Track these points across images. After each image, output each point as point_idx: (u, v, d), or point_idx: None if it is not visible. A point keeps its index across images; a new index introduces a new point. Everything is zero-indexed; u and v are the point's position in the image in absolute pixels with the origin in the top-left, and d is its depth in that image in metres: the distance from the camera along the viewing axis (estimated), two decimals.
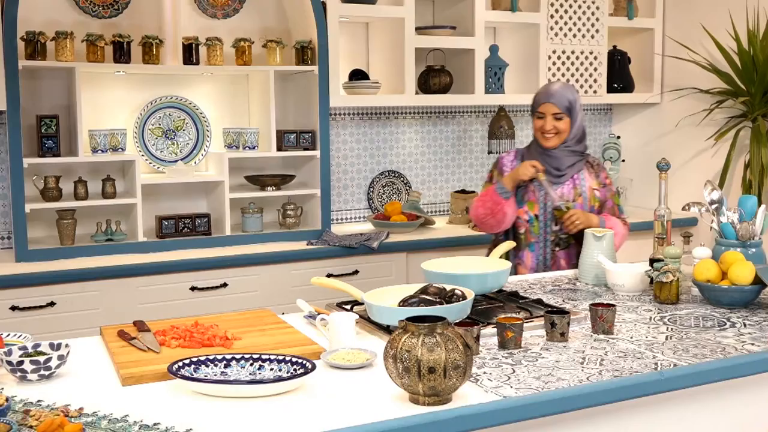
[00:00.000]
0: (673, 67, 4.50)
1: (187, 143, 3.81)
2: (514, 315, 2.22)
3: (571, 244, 2.99)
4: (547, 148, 2.98)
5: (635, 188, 4.69)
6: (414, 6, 3.90)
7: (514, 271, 3.00)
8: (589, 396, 1.71)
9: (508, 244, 2.76)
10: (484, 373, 1.82)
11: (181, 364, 1.77)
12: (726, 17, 4.06)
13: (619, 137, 4.74)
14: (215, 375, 1.79)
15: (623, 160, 4.68)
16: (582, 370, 1.83)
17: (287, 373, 1.78)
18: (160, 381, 1.80)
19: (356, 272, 3.62)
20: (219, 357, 1.83)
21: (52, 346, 1.88)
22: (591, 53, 4.41)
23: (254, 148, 3.71)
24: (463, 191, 4.29)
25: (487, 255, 2.90)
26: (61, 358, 1.82)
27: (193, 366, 1.79)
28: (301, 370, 1.75)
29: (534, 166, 2.91)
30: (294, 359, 1.81)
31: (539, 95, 3.00)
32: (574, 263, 2.98)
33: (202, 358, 1.81)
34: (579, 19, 4.34)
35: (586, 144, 3.06)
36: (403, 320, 1.65)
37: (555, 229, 2.97)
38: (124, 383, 1.79)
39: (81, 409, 1.62)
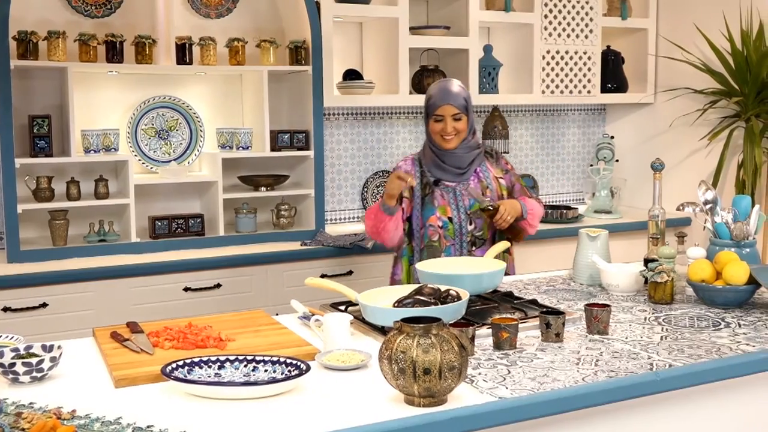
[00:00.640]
0: (666, 68, 4.51)
1: (181, 143, 3.79)
2: (509, 315, 2.21)
3: (486, 241, 2.86)
4: (447, 150, 2.84)
5: (629, 188, 4.69)
6: (408, 6, 3.90)
7: None
8: (584, 397, 1.70)
9: (503, 245, 2.76)
10: (479, 374, 1.81)
11: (174, 365, 1.76)
12: (719, 17, 4.06)
13: (612, 137, 4.74)
14: (209, 377, 1.78)
15: (617, 160, 4.69)
16: (577, 371, 1.82)
17: (281, 374, 1.77)
18: (154, 383, 1.78)
19: (350, 272, 3.61)
20: (213, 358, 1.82)
21: (44, 347, 1.86)
22: (585, 53, 4.41)
23: (248, 148, 3.69)
24: None
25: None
26: (53, 359, 1.80)
27: (186, 367, 1.78)
28: (296, 372, 1.74)
29: (400, 178, 2.68)
30: (288, 360, 1.80)
31: (435, 97, 2.82)
32: None
33: (196, 360, 1.80)
34: (573, 19, 4.34)
35: (479, 135, 2.92)
36: (398, 321, 1.64)
37: (470, 229, 2.84)
38: (117, 385, 1.77)
39: (74, 411, 1.60)
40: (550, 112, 4.78)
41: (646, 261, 2.68)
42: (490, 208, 2.76)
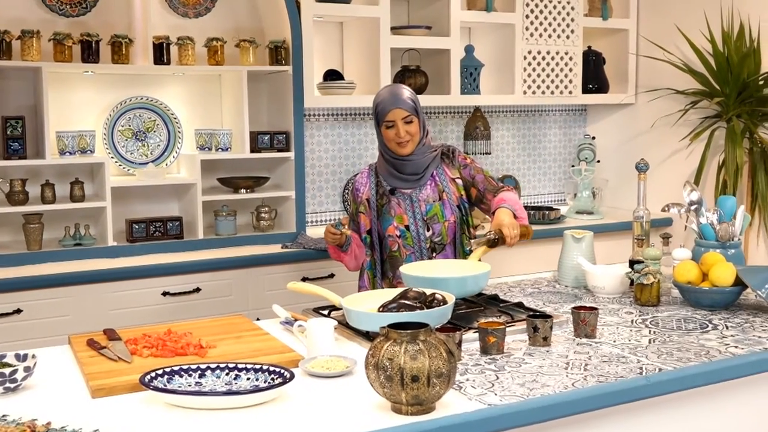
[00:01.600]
0: (647, 68, 4.51)
1: (158, 145, 3.73)
2: (495, 319, 2.18)
3: (447, 244, 2.74)
4: (403, 156, 2.71)
5: (611, 189, 4.69)
6: (389, 6, 3.86)
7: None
8: (574, 403, 1.67)
9: (485, 248, 2.71)
10: (467, 380, 1.77)
11: (153, 374, 1.71)
12: (699, 18, 4.07)
13: (594, 138, 4.73)
14: (189, 386, 1.72)
15: (598, 161, 4.68)
16: (566, 376, 1.79)
17: (264, 382, 1.72)
18: (132, 392, 1.73)
19: (332, 276, 3.56)
20: (193, 367, 1.76)
21: (18, 357, 1.80)
22: (566, 53, 4.39)
23: (227, 149, 3.64)
24: None
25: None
26: (27, 369, 1.74)
27: (166, 376, 1.72)
28: (279, 380, 1.69)
29: (332, 233, 2.64)
30: (271, 368, 1.75)
31: (384, 103, 2.67)
32: None
33: (176, 368, 1.75)
34: (554, 19, 4.33)
35: (430, 137, 2.79)
36: (384, 327, 1.60)
37: (428, 235, 2.71)
38: (94, 395, 1.72)
39: (49, 423, 1.55)
40: (531, 112, 4.77)
41: (632, 263, 2.66)
42: (496, 239, 2.51)
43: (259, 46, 3.72)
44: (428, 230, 2.72)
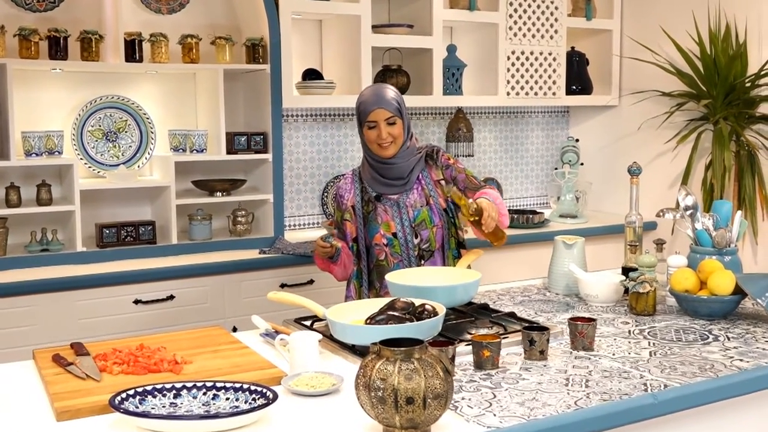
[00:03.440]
0: (631, 69, 4.44)
1: (130, 146, 3.58)
2: (487, 331, 2.07)
3: (435, 251, 2.66)
4: (386, 159, 2.60)
5: (595, 192, 4.61)
6: (370, 3, 3.75)
7: None
8: (579, 424, 1.56)
9: (475, 253, 2.61)
10: (463, 398, 1.66)
11: (124, 395, 1.57)
12: (683, 19, 4.00)
13: (577, 140, 4.66)
14: (164, 407, 1.59)
15: (582, 164, 4.60)
16: (568, 393, 1.68)
17: (245, 402, 1.60)
18: (101, 414, 1.59)
19: (311, 282, 3.44)
20: (168, 386, 1.63)
21: None
22: (550, 54, 4.31)
23: (202, 151, 3.51)
24: None
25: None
26: None
27: (138, 397, 1.59)
28: (261, 400, 1.57)
29: (322, 247, 2.52)
30: (252, 387, 1.62)
31: (366, 103, 2.57)
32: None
33: (149, 388, 1.62)
34: (538, 19, 4.24)
35: (415, 139, 2.69)
36: (376, 344, 1.48)
37: (416, 242, 2.60)
38: (58, 418, 1.58)
39: None
40: (514, 114, 4.68)
41: (625, 270, 2.57)
42: (480, 209, 2.34)
43: (236, 44, 3.59)
44: (416, 237, 2.61)
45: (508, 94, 4.20)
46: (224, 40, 3.52)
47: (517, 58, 4.21)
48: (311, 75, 3.87)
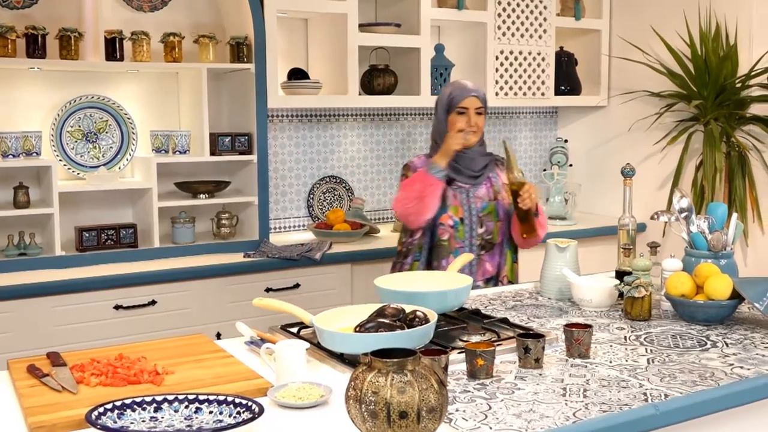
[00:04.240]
0: (620, 70, 4.40)
1: (111, 147, 3.49)
2: (480, 338, 2.01)
3: (496, 245, 2.83)
4: (465, 148, 2.79)
5: (584, 193, 4.56)
6: (356, 1, 3.68)
7: None
8: None
9: (466, 257, 2.55)
10: (457, 410, 1.59)
11: (102, 409, 1.49)
12: (673, 19, 3.97)
13: (566, 141, 4.61)
14: (143, 421, 1.51)
15: (570, 165, 4.55)
16: (566, 404, 1.62)
17: (230, 416, 1.52)
18: (77, 430, 1.52)
19: (297, 286, 3.37)
20: (148, 399, 1.55)
21: None
22: (539, 54, 4.26)
23: (185, 152, 3.43)
24: None
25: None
26: None
27: (116, 411, 1.51)
28: (246, 414, 1.50)
29: (462, 130, 2.75)
30: (237, 399, 1.55)
31: (459, 89, 2.81)
32: (498, 263, 2.84)
33: (128, 401, 1.54)
34: (527, 18, 4.19)
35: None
36: (367, 355, 1.41)
37: (480, 232, 2.80)
38: None
39: None
40: (502, 114, 4.62)
41: (619, 273, 2.52)
42: (519, 178, 2.67)
43: (220, 43, 3.51)
44: (481, 227, 2.78)
45: (496, 94, 4.15)
46: (208, 38, 3.45)
47: (506, 58, 4.15)
48: (297, 75, 3.79)
